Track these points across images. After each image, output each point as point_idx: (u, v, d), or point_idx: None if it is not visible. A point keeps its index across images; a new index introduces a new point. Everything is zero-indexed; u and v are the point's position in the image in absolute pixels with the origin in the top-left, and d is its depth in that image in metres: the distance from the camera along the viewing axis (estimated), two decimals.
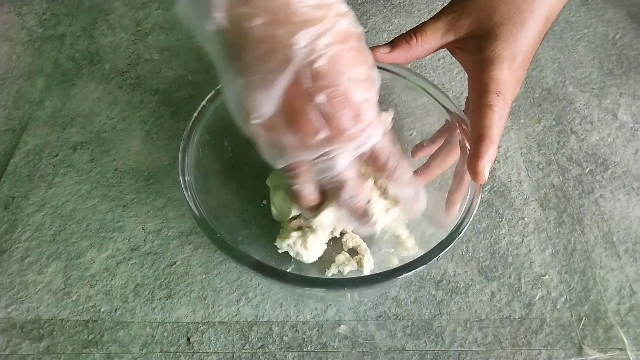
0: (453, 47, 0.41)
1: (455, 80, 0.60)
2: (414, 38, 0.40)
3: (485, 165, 0.35)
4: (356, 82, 0.31)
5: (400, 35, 0.40)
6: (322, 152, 0.32)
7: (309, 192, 0.36)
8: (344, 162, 0.33)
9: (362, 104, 0.31)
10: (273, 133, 0.31)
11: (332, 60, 0.30)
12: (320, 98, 0.30)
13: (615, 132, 0.55)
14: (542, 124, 0.56)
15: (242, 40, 0.29)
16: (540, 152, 0.54)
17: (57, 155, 0.53)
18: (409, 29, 0.40)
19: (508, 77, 0.36)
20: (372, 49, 0.40)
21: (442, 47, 0.41)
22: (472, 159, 0.36)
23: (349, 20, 0.32)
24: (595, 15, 0.67)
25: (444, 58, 0.62)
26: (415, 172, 0.45)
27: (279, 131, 0.31)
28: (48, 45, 0.63)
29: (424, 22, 0.40)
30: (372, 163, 0.34)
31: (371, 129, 0.32)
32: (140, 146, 0.53)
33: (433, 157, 0.44)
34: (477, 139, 0.36)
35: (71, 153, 0.53)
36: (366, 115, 0.31)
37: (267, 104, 0.30)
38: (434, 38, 0.40)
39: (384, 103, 0.48)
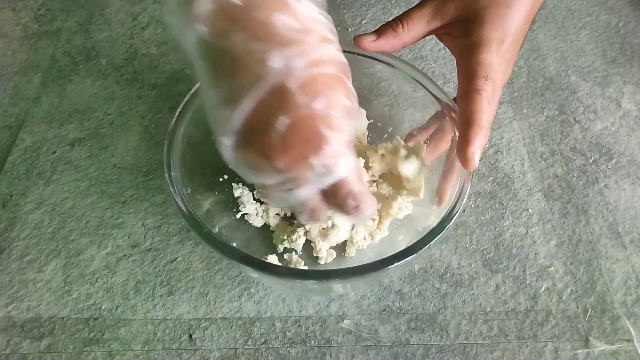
0: (440, 33, 0.40)
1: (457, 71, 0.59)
2: (400, 25, 0.39)
3: (475, 151, 0.34)
4: (326, 111, 0.29)
5: (386, 23, 0.40)
6: (279, 181, 0.30)
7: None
8: (302, 196, 0.31)
9: (328, 135, 0.29)
10: (235, 152, 0.30)
11: (305, 84, 0.28)
12: (283, 121, 0.28)
13: (619, 121, 0.55)
14: (545, 113, 0.55)
15: (221, 55, 0.28)
16: (544, 142, 0.53)
17: (54, 152, 0.52)
18: None
19: (497, 60, 0.36)
20: (358, 37, 0.40)
21: (429, 33, 0.40)
22: (461, 146, 0.35)
23: (333, 47, 0.30)
24: (597, 3, 0.66)
25: (444, 49, 0.61)
26: None
27: (240, 152, 0.30)
28: (44, 41, 0.62)
29: (410, 9, 0.39)
30: (331, 197, 0.32)
31: (335, 162, 0.30)
32: (139, 142, 0.53)
33: (425, 144, 0.44)
34: (465, 125, 0.35)
35: (69, 150, 0.52)
36: (331, 148, 0.29)
37: (232, 121, 0.29)
38: (420, 25, 0.39)
39: (384, 95, 0.48)
